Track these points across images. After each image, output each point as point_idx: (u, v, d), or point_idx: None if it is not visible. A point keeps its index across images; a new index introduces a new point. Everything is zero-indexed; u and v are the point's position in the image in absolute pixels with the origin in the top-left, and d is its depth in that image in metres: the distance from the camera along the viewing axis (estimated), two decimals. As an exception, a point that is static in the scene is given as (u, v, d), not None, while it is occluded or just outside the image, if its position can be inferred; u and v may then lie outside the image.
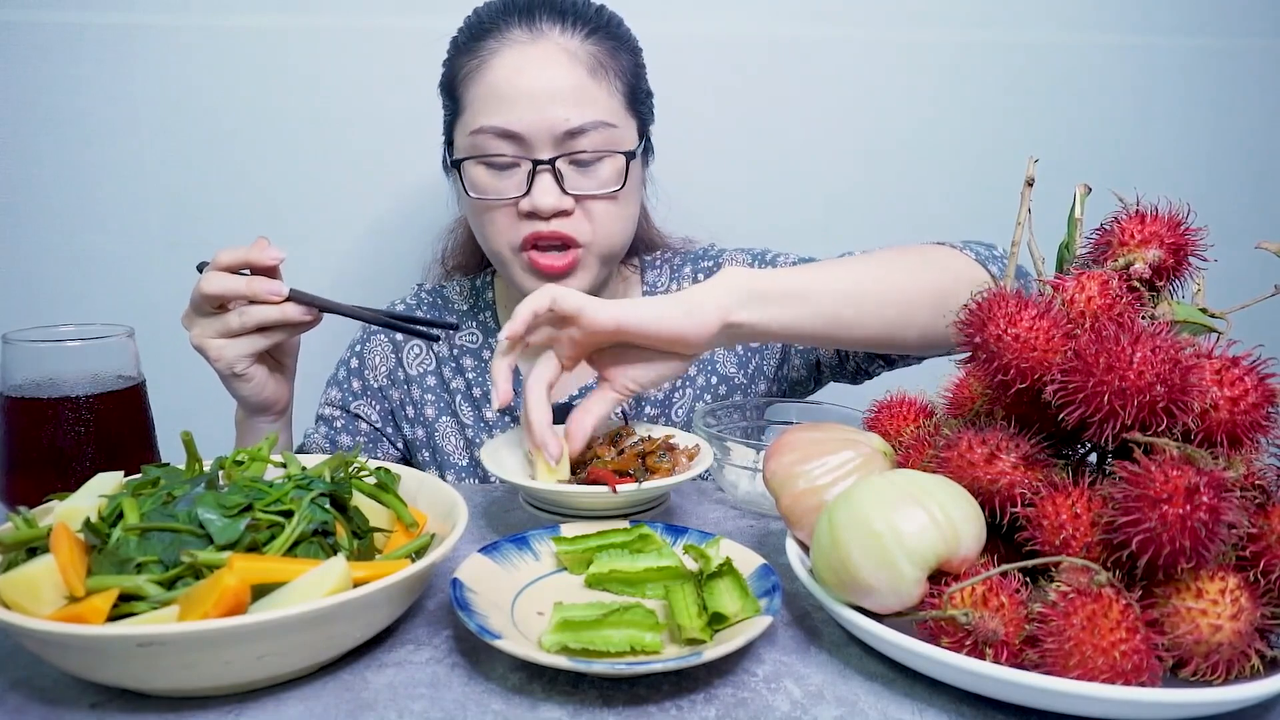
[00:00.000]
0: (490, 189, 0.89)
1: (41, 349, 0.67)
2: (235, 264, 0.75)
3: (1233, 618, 0.43)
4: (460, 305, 1.08)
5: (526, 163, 0.87)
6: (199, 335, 0.76)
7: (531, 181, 0.87)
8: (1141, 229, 0.52)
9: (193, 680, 0.44)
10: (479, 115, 0.88)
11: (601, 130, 0.88)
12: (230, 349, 0.75)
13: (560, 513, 0.72)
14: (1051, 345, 0.48)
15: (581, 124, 0.86)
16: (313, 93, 1.25)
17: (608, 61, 0.90)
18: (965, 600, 0.46)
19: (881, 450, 0.60)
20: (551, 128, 0.86)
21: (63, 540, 0.47)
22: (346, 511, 0.54)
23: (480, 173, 0.89)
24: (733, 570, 0.55)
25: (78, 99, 1.21)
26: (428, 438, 1.04)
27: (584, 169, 0.89)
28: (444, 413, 1.04)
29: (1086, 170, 0.81)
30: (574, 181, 0.89)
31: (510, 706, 0.46)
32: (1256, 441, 0.47)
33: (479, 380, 1.04)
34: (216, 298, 0.74)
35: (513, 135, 0.86)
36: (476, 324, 1.06)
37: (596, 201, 0.90)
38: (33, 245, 1.24)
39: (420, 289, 1.11)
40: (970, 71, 1.34)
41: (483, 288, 1.09)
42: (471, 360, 1.05)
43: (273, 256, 0.75)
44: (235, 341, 0.75)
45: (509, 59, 0.87)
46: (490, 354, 1.04)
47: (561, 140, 0.87)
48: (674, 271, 1.09)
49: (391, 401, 1.05)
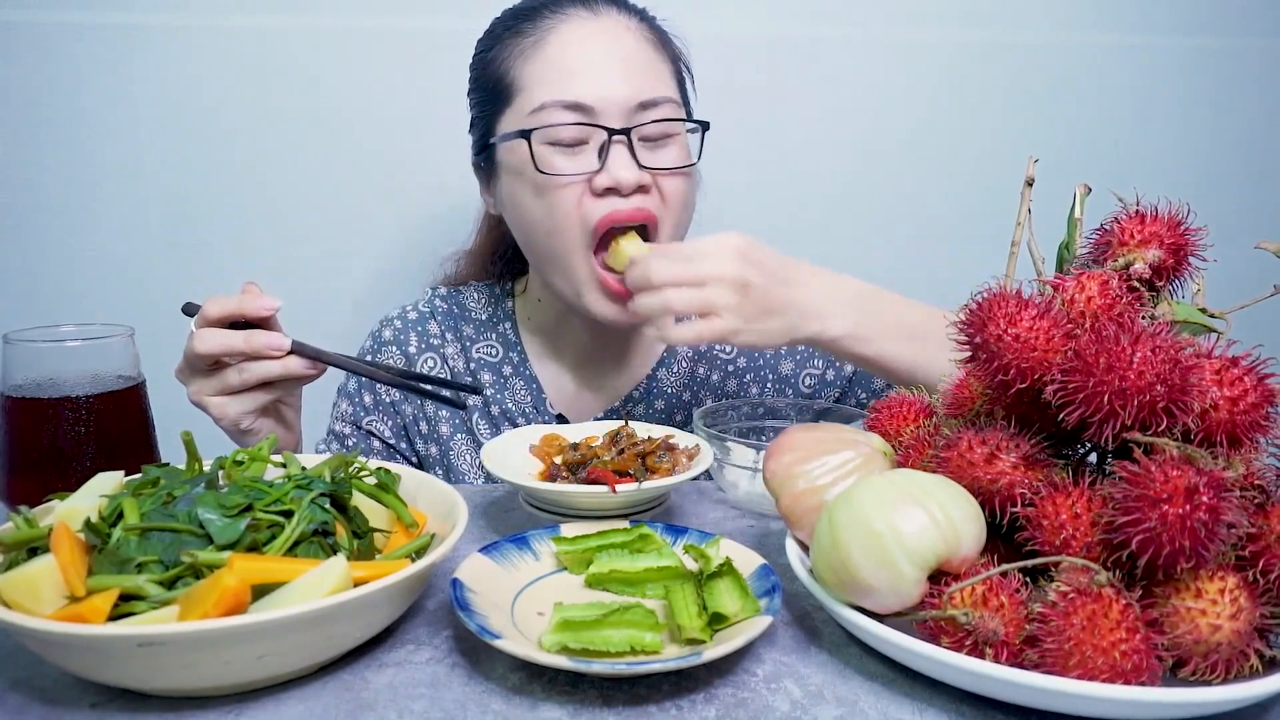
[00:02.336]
0: (559, 169, 0.82)
1: (41, 349, 0.67)
2: (226, 316, 0.70)
3: (1232, 618, 0.43)
4: (479, 314, 1.02)
5: (598, 136, 0.81)
6: (197, 393, 0.72)
7: (605, 155, 0.81)
8: (1141, 229, 0.52)
9: (193, 680, 0.44)
10: (542, 91, 0.82)
11: (670, 106, 0.84)
12: (232, 406, 0.71)
13: (560, 513, 0.72)
14: (1051, 345, 0.48)
15: (654, 97, 0.82)
16: (313, 93, 1.25)
17: (664, 46, 0.88)
18: (965, 600, 0.46)
19: (881, 450, 0.60)
20: (624, 100, 0.81)
21: (63, 540, 0.47)
22: (346, 511, 0.54)
23: (545, 151, 0.82)
24: (733, 570, 0.55)
25: (78, 99, 1.21)
26: (441, 456, 0.99)
27: (654, 147, 0.84)
28: (459, 430, 0.99)
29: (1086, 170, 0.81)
30: (646, 158, 0.83)
31: (510, 706, 0.46)
32: (1256, 441, 0.47)
33: (497, 397, 0.98)
34: (215, 358, 0.70)
35: (582, 107, 0.81)
36: (495, 335, 1.00)
37: (670, 179, 0.84)
38: (33, 245, 1.25)
39: (434, 294, 1.04)
40: (969, 71, 1.34)
41: (502, 296, 1.03)
42: (490, 375, 0.99)
43: (266, 307, 0.70)
44: (237, 399, 0.71)
45: (572, 31, 0.83)
46: (510, 368, 0.99)
47: (633, 112, 0.82)
48: None
49: (404, 417, 0.99)
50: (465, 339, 1.01)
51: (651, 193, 0.84)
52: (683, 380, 1.02)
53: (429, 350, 1.00)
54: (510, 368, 1.00)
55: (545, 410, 0.99)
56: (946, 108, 1.35)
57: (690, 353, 1.02)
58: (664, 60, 0.87)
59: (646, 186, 0.83)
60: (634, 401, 1.01)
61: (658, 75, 0.85)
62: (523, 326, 1.02)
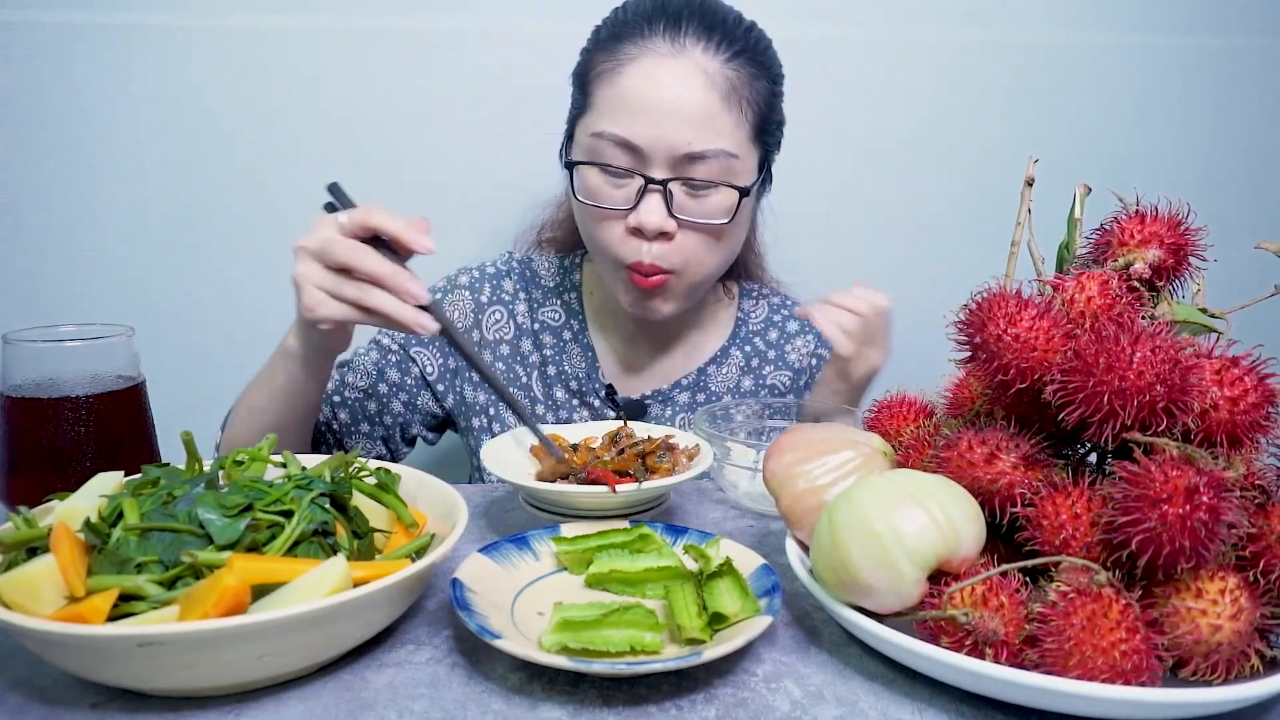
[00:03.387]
0: (601, 196, 0.89)
1: (41, 349, 0.67)
2: (376, 230, 0.68)
3: (1232, 618, 0.43)
4: (547, 281, 1.08)
5: (639, 178, 0.86)
6: (304, 276, 0.68)
7: (640, 197, 0.86)
8: (1141, 229, 0.52)
9: (193, 680, 0.44)
10: (603, 119, 0.87)
11: (721, 160, 0.86)
12: (328, 307, 0.68)
13: (560, 513, 0.72)
14: (1051, 345, 0.48)
15: (703, 150, 0.85)
16: (313, 93, 1.24)
17: (743, 89, 0.87)
18: (965, 600, 0.46)
19: (881, 450, 0.60)
20: (672, 147, 0.85)
21: (63, 540, 0.47)
22: (346, 511, 0.54)
23: (593, 175, 0.89)
24: (733, 570, 0.55)
25: (78, 99, 1.21)
26: (488, 404, 1.03)
27: (696, 194, 0.88)
28: (512, 384, 1.03)
29: (1086, 170, 0.81)
30: (683, 204, 0.88)
31: (510, 706, 0.46)
32: (1256, 441, 0.47)
33: (555, 357, 1.04)
34: (351, 267, 0.67)
35: (632, 147, 0.85)
36: (560, 303, 1.06)
37: (698, 231, 0.89)
38: (33, 245, 1.24)
39: (511, 257, 1.09)
40: (969, 71, 1.34)
41: (571, 268, 1.09)
42: (551, 337, 1.05)
43: (425, 247, 0.68)
44: (338, 305, 0.68)
45: (644, 68, 0.85)
46: (570, 334, 1.05)
47: (679, 163, 0.85)
48: (771, 312, 1.11)
49: (458, 359, 1.03)
50: (534, 301, 1.06)
51: (675, 239, 0.89)
52: (727, 385, 1.07)
53: (498, 304, 1.05)
54: (570, 334, 1.05)
55: (597, 379, 1.04)
56: (946, 108, 1.35)
57: (742, 362, 1.08)
58: (734, 108, 0.87)
59: (670, 234, 0.88)
60: (681, 389, 1.06)
61: (718, 127, 0.86)
62: (586, 298, 1.07)
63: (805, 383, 1.10)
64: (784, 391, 1.09)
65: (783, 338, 1.10)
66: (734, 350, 1.08)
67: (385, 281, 0.67)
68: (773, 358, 1.09)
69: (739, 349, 1.08)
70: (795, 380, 1.09)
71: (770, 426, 0.91)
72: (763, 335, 1.10)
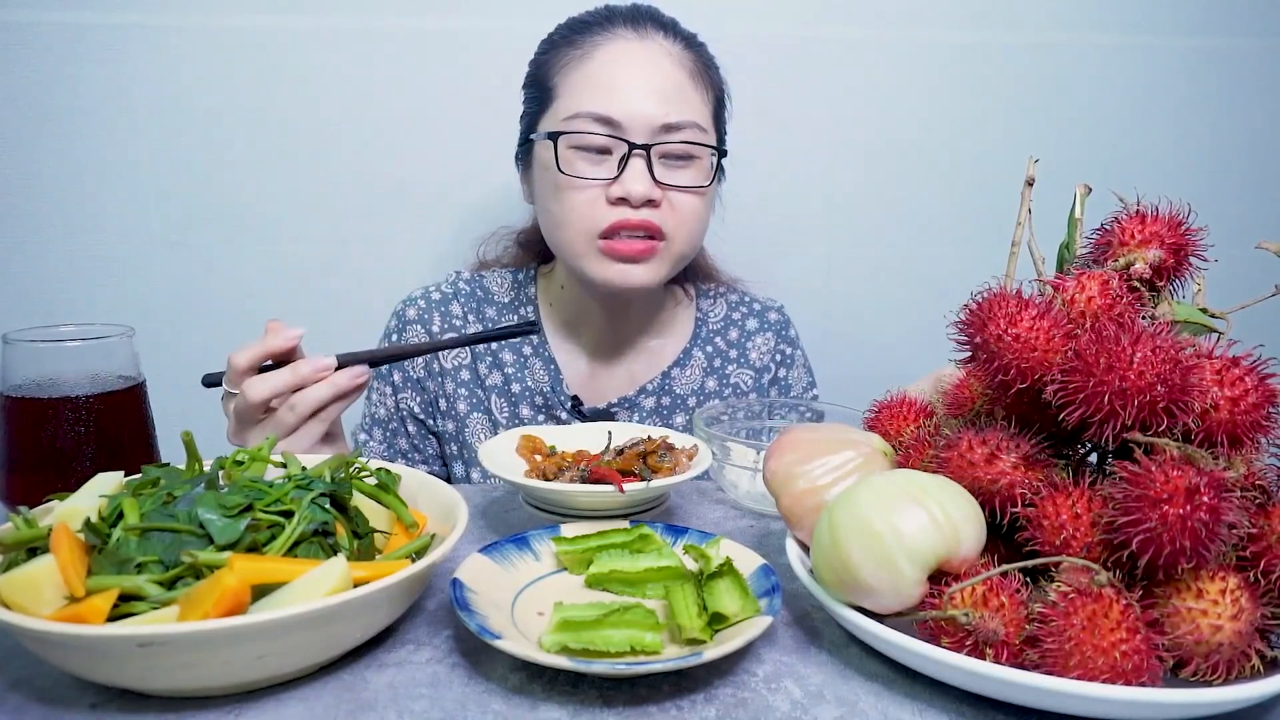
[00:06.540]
0: (581, 172, 0.89)
1: (41, 349, 0.67)
2: (255, 362, 0.71)
3: (1233, 618, 0.43)
4: (501, 297, 1.07)
5: (620, 148, 0.88)
6: (257, 437, 0.72)
7: (624, 167, 0.88)
8: (1141, 229, 0.52)
9: (192, 680, 0.44)
10: (578, 101, 0.89)
11: (694, 131, 0.90)
12: (297, 440, 0.72)
13: (560, 513, 0.72)
14: (1051, 345, 0.48)
15: (679, 120, 0.89)
16: (313, 93, 1.24)
17: (704, 72, 0.94)
18: (965, 600, 0.46)
19: (881, 450, 0.59)
20: (650, 119, 0.88)
21: (63, 540, 0.47)
22: (347, 512, 0.54)
23: (571, 155, 0.90)
24: (733, 570, 0.55)
25: (78, 99, 1.21)
26: (457, 432, 1.03)
27: (673, 165, 0.91)
28: (476, 409, 1.03)
29: (1086, 170, 0.81)
30: (663, 174, 0.90)
31: (510, 706, 0.46)
32: (1257, 441, 0.47)
33: (517, 374, 1.03)
34: (265, 404, 0.70)
35: (610, 121, 0.88)
36: (517, 318, 1.06)
37: (683, 196, 0.91)
38: (33, 245, 1.24)
39: (458, 277, 1.09)
40: (969, 71, 1.34)
41: (525, 282, 1.08)
42: (511, 354, 1.04)
43: (291, 338, 0.72)
44: (296, 438, 0.72)
45: (615, 51, 0.90)
46: (530, 350, 1.04)
47: (657, 132, 0.89)
48: (730, 310, 1.11)
49: (429, 393, 1.04)
50: (487, 320, 1.06)
51: (661, 207, 0.90)
52: (692, 386, 1.07)
53: (451, 330, 1.04)
54: (530, 348, 1.04)
55: (561, 391, 1.03)
56: (947, 108, 1.35)
57: (705, 363, 1.08)
58: (699, 88, 0.93)
59: (656, 201, 0.90)
60: (647, 394, 1.05)
61: (688, 100, 0.91)
62: (544, 310, 1.07)
63: (768, 381, 1.10)
64: (746, 391, 1.08)
65: (743, 336, 1.10)
66: (696, 351, 1.08)
67: (298, 384, 0.71)
68: (734, 357, 1.09)
69: (700, 350, 1.08)
70: (758, 379, 1.09)
71: (770, 426, 0.91)
72: (723, 334, 1.10)
